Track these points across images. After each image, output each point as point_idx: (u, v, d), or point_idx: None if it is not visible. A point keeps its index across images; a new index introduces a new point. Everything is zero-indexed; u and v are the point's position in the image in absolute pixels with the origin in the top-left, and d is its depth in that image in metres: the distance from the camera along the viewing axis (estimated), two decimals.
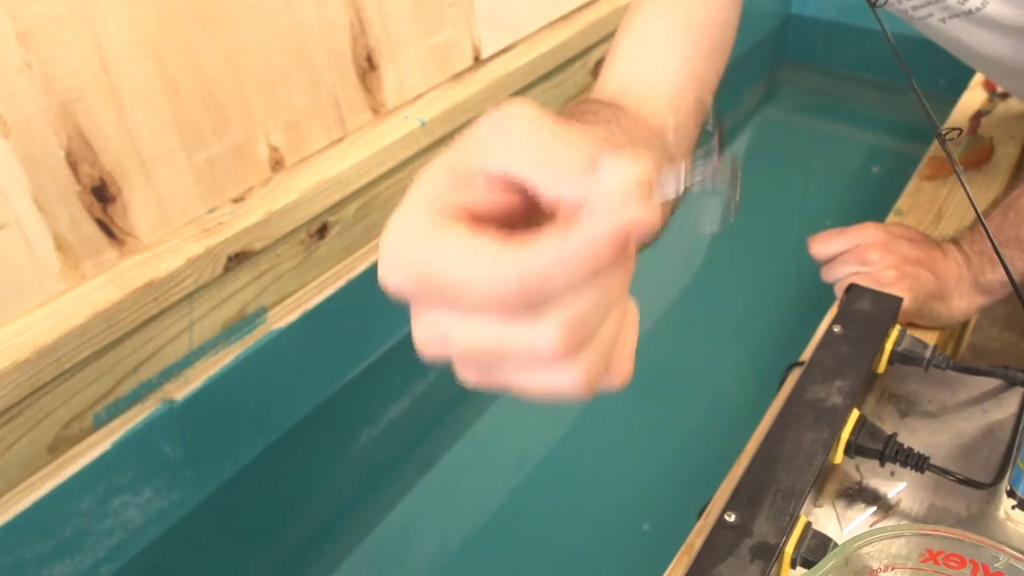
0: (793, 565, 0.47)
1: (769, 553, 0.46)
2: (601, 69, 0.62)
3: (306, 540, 0.85)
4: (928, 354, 0.60)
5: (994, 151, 0.90)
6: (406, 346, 0.30)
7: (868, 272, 0.66)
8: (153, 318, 0.74)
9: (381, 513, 0.87)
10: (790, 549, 0.47)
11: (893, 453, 0.52)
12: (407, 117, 0.95)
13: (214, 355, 0.81)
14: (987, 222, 0.63)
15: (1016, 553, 0.34)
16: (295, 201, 0.83)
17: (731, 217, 0.25)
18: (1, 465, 0.67)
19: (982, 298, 0.67)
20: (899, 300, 0.62)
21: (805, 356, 0.64)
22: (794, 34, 1.66)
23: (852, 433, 0.53)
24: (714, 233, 0.25)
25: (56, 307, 0.69)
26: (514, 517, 0.86)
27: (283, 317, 0.86)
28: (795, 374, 0.61)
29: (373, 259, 0.95)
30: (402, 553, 0.84)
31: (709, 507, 0.55)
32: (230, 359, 0.81)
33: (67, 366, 0.68)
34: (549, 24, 1.16)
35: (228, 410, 0.82)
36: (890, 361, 0.60)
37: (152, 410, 0.75)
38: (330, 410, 0.92)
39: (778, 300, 1.10)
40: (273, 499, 0.87)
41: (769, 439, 0.52)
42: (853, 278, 0.66)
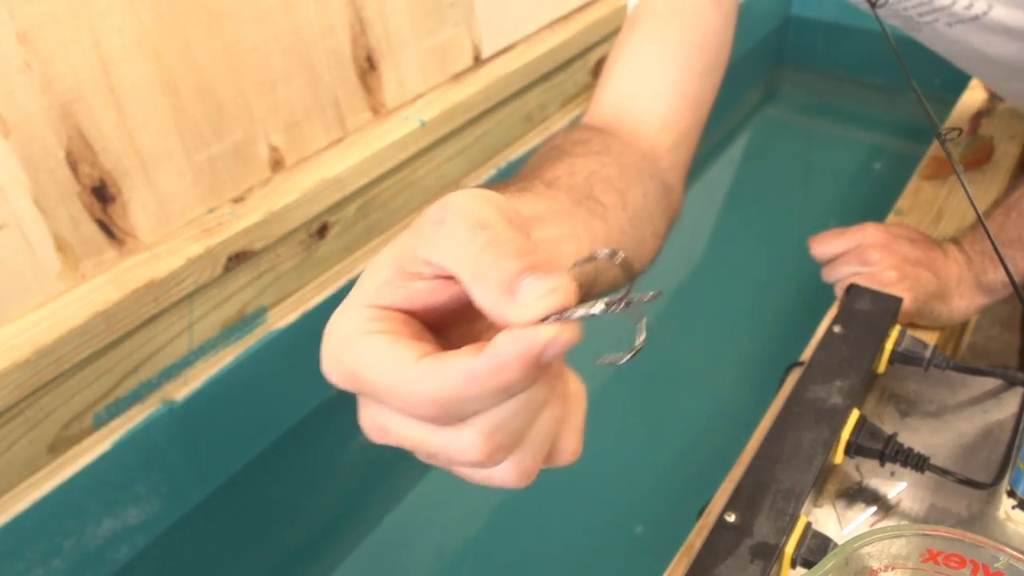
0: (793, 565, 0.47)
1: (769, 553, 0.46)
2: (596, 89, 0.62)
3: (306, 540, 0.85)
4: (928, 354, 0.60)
5: (994, 151, 0.90)
6: None
7: (868, 272, 0.66)
8: (153, 318, 0.74)
9: (381, 513, 0.87)
10: (790, 549, 0.47)
11: (893, 453, 0.52)
12: (407, 117, 0.95)
13: (214, 355, 0.81)
14: (988, 222, 0.63)
15: (1016, 553, 0.34)
16: (295, 201, 0.83)
17: (637, 355, 0.25)
18: (1, 465, 0.67)
19: (983, 298, 0.67)
20: (899, 300, 0.62)
21: (805, 356, 0.64)
22: (794, 35, 1.66)
23: (852, 433, 0.53)
24: (618, 366, 0.25)
25: (56, 307, 0.69)
26: (514, 517, 0.86)
27: (283, 317, 0.86)
28: (795, 374, 0.61)
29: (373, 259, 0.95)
30: (401, 553, 0.84)
31: (709, 507, 0.55)
32: (230, 359, 0.81)
33: (67, 366, 0.68)
34: (549, 24, 1.16)
35: (228, 410, 0.82)
36: (890, 361, 0.60)
37: (152, 410, 0.75)
38: (330, 410, 0.92)
39: (778, 300, 1.10)
40: (273, 499, 0.87)
41: (769, 439, 0.52)
42: (853, 278, 0.66)
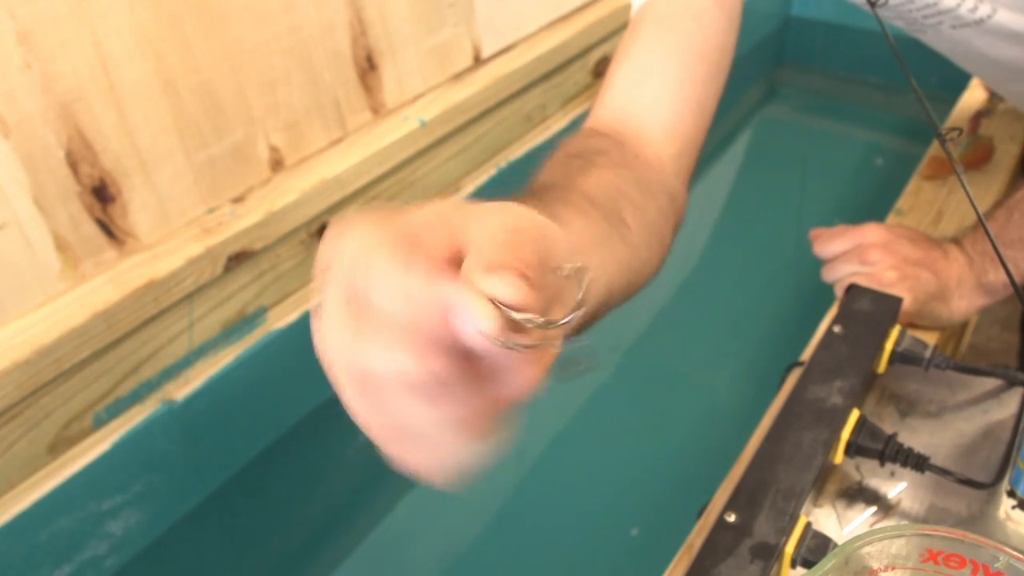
0: (793, 565, 0.47)
1: (769, 553, 0.46)
2: (600, 91, 0.62)
3: (306, 540, 0.85)
4: (928, 354, 0.60)
5: (994, 151, 0.90)
6: None
7: (869, 272, 0.66)
8: (153, 318, 0.74)
9: (380, 513, 0.87)
10: (790, 549, 0.47)
11: (893, 453, 0.53)
12: (407, 117, 0.95)
13: (214, 355, 0.81)
14: (990, 222, 0.63)
15: (1016, 553, 0.34)
16: (295, 201, 0.83)
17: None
18: (1, 465, 0.67)
19: (983, 298, 0.67)
20: (899, 300, 0.62)
21: (805, 356, 0.64)
22: (794, 35, 1.66)
23: (852, 433, 0.53)
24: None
25: (56, 307, 0.69)
26: (513, 517, 0.86)
27: (283, 317, 0.86)
28: (795, 374, 0.61)
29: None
30: (401, 553, 0.84)
31: (709, 507, 0.55)
32: (230, 359, 0.81)
33: (67, 366, 0.68)
34: (549, 24, 1.16)
35: (228, 410, 0.82)
36: (890, 361, 0.60)
37: (152, 410, 0.75)
38: (330, 410, 0.92)
39: (778, 300, 1.10)
40: (273, 499, 0.87)
41: (769, 439, 0.52)
42: (853, 278, 0.66)
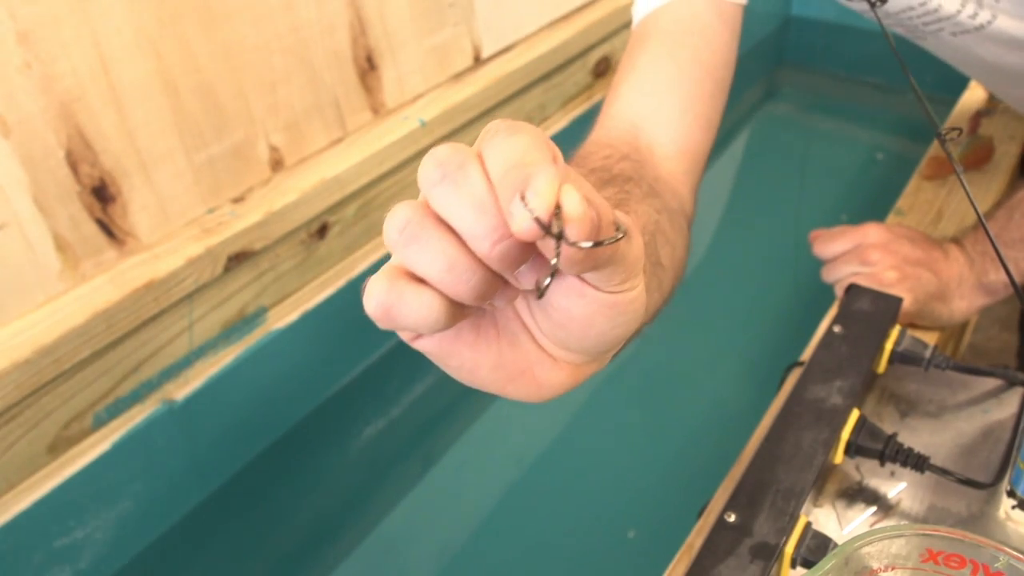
0: (793, 565, 0.47)
1: (769, 553, 0.46)
2: (607, 102, 0.62)
3: (306, 540, 0.85)
4: (928, 354, 0.60)
5: (994, 151, 0.90)
6: (406, 346, 0.30)
7: (868, 272, 0.66)
8: (153, 318, 0.74)
9: (380, 514, 0.87)
10: (790, 549, 0.47)
11: (893, 453, 0.52)
12: (407, 117, 0.95)
13: (214, 355, 0.81)
14: (991, 222, 0.63)
15: (1016, 553, 0.34)
16: (295, 201, 0.83)
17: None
18: (1, 465, 0.67)
19: (984, 299, 0.67)
20: (899, 300, 0.62)
21: (805, 356, 0.64)
22: (794, 35, 1.66)
23: (852, 433, 0.53)
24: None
25: (56, 307, 0.69)
26: (514, 518, 0.86)
27: (283, 317, 0.86)
28: (795, 374, 0.61)
29: (373, 259, 0.95)
30: (401, 553, 0.84)
31: (709, 507, 0.55)
32: (230, 359, 0.81)
33: (67, 366, 0.68)
34: (549, 24, 1.16)
35: (228, 410, 0.82)
36: (890, 361, 0.60)
37: (152, 410, 0.75)
38: (330, 410, 0.92)
39: (778, 300, 1.10)
40: (273, 499, 0.87)
41: (769, 439, 0.52)
42: (853, 278, 0.66)
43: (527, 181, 0.24)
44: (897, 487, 0.55)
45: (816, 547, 0.47)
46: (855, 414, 0.54)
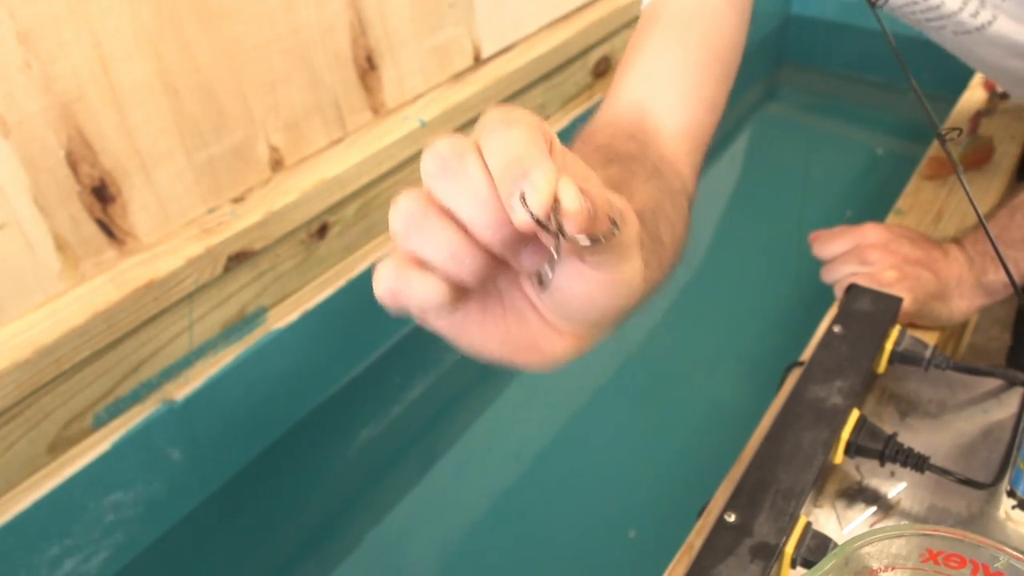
0: (793, 565, 0.47)
1: (769, 553, 0.46)
2: (614, 83, 0.62)
3: (306, 540, 0.85)
4: (928, 354, 0.59)
5: (994, 151, 0.90)
6: (406, 346, 0.31)
7: (868, 272, 0.66)
8: (153, 318, 0.74)
9: (380, 513, 0.87)
10: (790, 549, 0.47)
11: (893, 453, 0.52)
12: (407, 117, 0.95)
13: (214, 355, 0.81)
14: (992, 222, 0.63)
15: (1016, 553, 0.34)
16: (295, 201, 0.83)
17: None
18: (1, 465, 0.67)
19: (984, 298, 0.67)
20: (899, 300, 0.62)
21: (805, 356, 0.64)
22: (794, 34, 1.66)
23: (852, 433, 0.53)
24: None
25: (56, 307, 0.69)
26: (513, 518, 0.86)
27: (283, 317, 0.86)
28: (795, 374, 0.61)
29: (373, 259, 0.95)
30: (401, 553, 0.83)
31: (709, 507, 0.55)
32: (230, 359, 0.81)
33: (67, 366, 0.68)
34: (549, 24, 1.16)
35: (228, 410, 0.82)
36: (890, 361, 0.60)
37: (152, 410, 0.75)
38: (330, 410, 0.92)
39: (778, 300, 1.10)
40: (273, 499, 0.87)
41: (769, 439, 0.52)
42: (853, 278, 0.66)
43: (525, 177, 0.26)
44: (897, 487, 0.55)
45: (816, 547, 0.47)
46: (855, 414, 0.54)
